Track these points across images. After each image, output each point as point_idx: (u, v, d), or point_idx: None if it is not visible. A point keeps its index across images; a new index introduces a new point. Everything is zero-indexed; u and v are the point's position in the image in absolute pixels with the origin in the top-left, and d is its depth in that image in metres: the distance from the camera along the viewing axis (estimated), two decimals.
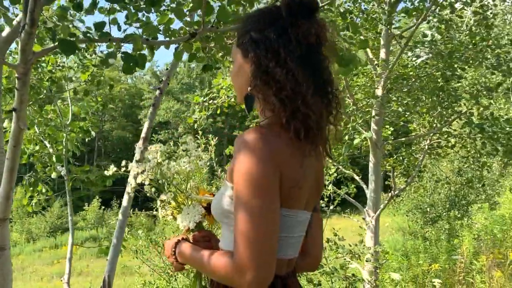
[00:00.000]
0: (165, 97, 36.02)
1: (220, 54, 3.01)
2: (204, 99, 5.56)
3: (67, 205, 4.02)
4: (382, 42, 7.20)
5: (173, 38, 2.51)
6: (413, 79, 6.75)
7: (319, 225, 1.59)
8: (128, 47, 2.45)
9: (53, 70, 3.40)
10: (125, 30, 2.66)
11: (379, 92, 6.72)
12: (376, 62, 7.15)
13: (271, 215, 1.22)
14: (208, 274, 1.39)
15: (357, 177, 6.82)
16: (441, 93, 6.75)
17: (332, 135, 1.47)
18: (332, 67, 1.44)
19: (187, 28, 2.68)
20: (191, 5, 2.56)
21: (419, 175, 8.52)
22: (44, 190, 3.76)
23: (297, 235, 1.41)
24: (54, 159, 3.66)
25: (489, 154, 7.44)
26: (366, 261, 4.56)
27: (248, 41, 1.37)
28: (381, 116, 6.86)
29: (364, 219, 6.70)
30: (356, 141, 5.46)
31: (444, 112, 7.11)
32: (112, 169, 1.74)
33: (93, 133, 3.90)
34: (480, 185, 10.08)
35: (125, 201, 3.05)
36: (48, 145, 3.80)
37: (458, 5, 6.55)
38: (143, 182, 1.65)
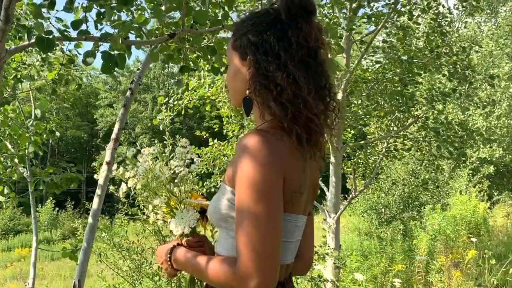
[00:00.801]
0: (121, 97, 35.27)
1: (194, 55, 2.99)
2: (169, 100, 5.51)
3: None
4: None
5: (152, 38, 2.47)
6: (373, 83, 6.90)
7: (311, 228, 1.58)
8: (105, 46, 2.40)
9: (19, 68, 3.27)
10: (101, 29, 2.60)
11: (339, 95, 6.84)
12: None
13: (276, 220, 1.20)
14: (207, 280, 1.34)
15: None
16: (399, 97, 6.94)
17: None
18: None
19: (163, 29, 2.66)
20: (168, 5, 2.52)
21: (376, 177, 8.71)
22: (6, 191, 3.61)
23: (295, 240, 1.41)
24: (16, 160, 3.53)
25: (443, 157, 7.71)
26: (334, 263, 4.63)
27: (247, 44, 1.36)
28: (342, 119, 6.97)
29: (325, 220, 6.79)
30: None
31: (402, 116, 7.31)
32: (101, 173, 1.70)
33: (57, 133, 3.79)
34: (435, 187, 10.47)
35: (95, 203, 2.97)
36: (10, 146, 3.66)
37: (415, 12, 6.76)
38: (134, 186, 1.61)
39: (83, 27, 2.24)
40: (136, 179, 1.61)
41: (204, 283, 1.51)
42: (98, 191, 3.02)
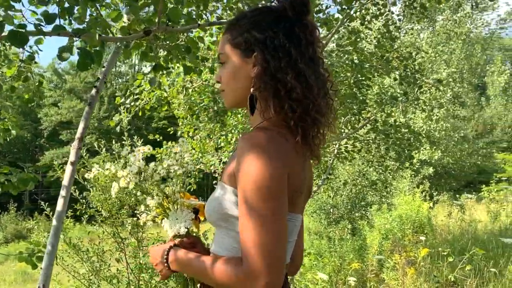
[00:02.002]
0: (66, 96, 34.05)
1: (164, 53, 2.95)
2: (126, 101, 5.39)
3: None
4: None
5: (128, 35, 2.41)
6: None
7: (302, 228, 1.59)
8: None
9: None
10: (70, 25, 2.52)
11: None
12: None
13: (282, 219, 1.18)
14: (211, 282, 1.29)
15: None
16: (351, 100, 7.12)
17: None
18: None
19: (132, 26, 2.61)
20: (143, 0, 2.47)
21: (328, 177, 8.90)
22: None
23: (292, 240, 1.41)
24: None
25: (392, 159, 7.98)
26: None
27: (252, 41, 1.32)
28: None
29: None
30: None
31: (353, 118, 7.50)
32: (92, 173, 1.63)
33: (13, 132, 3.61)
34: (383, 188, 10.82)
35: (59, 205, 2.85)
36: None
37: (368, 17, 6.95)
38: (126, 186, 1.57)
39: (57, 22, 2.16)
40: (128, 178, 1.57)
41: (198, 286, 1.49)
42: (62, 192, 2.90)
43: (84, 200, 4.10)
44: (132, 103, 5.49)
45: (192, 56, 2.63)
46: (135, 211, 1.75)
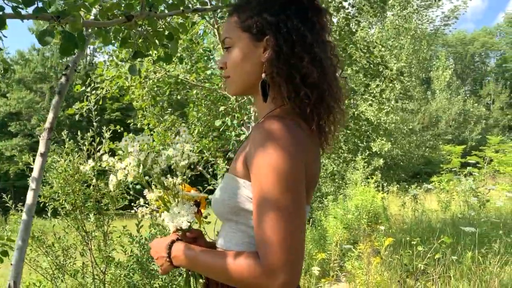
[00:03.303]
0: (16, 86, 32.45)
1: (140, 40, 2.84)
2: (86, 89, 5.20)
3: None
4: None
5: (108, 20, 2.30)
6: None
7: None
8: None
9: None
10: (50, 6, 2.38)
11: None
12: None
13: (302, 211, 1.13)
14: (223, 277, 1.22)
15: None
16: None
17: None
18: None
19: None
20: None
21: None
22: None
23: None
24: None
25: (350, 150, 8.13)
26: None
27: (265, 24, 1.26)
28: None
29: None
30: (242, 137, 5.55)
31: None
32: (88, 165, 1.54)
33: None
34: (340, 178, 11.00)
35: (29, 198, 2.71)
36: None
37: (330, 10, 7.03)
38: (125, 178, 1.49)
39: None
40: (126, 171, 1.49)
41: (201, 281, 1.43)
42: (32, 185, 2.76)
43: (48, 193, 3.95)
44: (93, 92, 5.30)
45: (174, 43, 2.55)
46: (132, 204, 1.66)
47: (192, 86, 5.82)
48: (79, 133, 4.17)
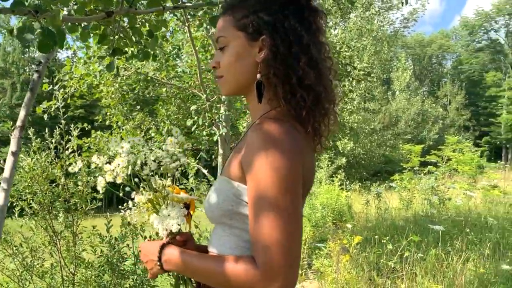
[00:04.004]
0: None
1: (117, 37, 2.78)
2: (54, 88, 5.05)
3: None
4: None
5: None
6: None
7: None
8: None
9: None
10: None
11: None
12: None
13: (299, 214, 1.12)
14: (213, 283, 1.19)
15: (204, 170, 6.91)
16: None
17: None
18: None
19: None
20: None
21: None
22: None
23: None
24: None
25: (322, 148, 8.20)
26: None
27: (261, 23, 1.23)
28: (230, 113, 7.04)
29: None
30: (215, 137, 5.52)
31: None
32: (77, 166, 1.49)
33: None
34: None
35: (1, 199, 2.62)
36: None
37: None
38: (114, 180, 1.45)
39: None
40: (115, 172, 1.45)
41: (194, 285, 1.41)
42: (4, 185, 2.67)
43: (15, 192, 3.83)
44: (61, 90, 5.15)
45: (154, 40, 2.51)
46: (119, 207, 1.62)
47: (161, 84, 5.75)
48: (46, 130, 4.05)
